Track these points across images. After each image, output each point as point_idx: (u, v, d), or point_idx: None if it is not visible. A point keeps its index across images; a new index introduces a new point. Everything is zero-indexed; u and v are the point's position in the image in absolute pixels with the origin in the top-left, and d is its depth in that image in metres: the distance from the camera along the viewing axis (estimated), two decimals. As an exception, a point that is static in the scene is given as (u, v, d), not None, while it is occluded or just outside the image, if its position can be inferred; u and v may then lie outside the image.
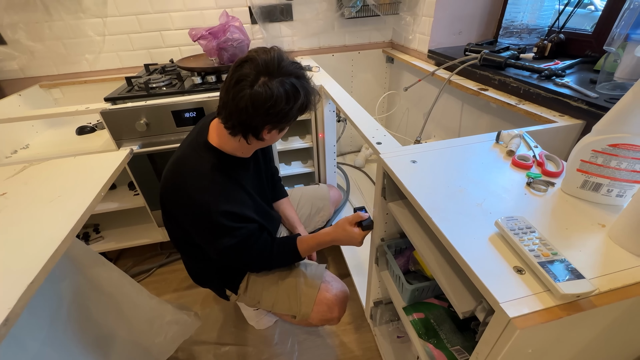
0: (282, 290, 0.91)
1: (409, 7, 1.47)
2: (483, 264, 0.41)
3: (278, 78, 0.66)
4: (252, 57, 0.66)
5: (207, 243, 0.79)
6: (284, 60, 0.68)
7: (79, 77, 1.51)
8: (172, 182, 0.74)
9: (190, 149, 0.77)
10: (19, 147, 1.29)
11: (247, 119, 0.67)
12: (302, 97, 0.69)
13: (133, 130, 1.15)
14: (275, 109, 0.66)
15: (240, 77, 0.65)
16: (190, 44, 1.49)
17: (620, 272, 0.39)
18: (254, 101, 0.65)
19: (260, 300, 0.95)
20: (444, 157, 0.67)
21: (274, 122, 0.70)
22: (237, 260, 0.84)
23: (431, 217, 0.50)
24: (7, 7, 1.30)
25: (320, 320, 0.92)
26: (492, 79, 1.04)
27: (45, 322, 0.63)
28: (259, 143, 0.76)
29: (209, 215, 0.72)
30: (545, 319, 0.35)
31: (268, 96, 0.64)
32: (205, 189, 0.72)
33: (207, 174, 0.73)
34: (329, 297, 0.90)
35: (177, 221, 0.80)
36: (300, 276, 0.91)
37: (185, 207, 0.73)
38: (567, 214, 0.50)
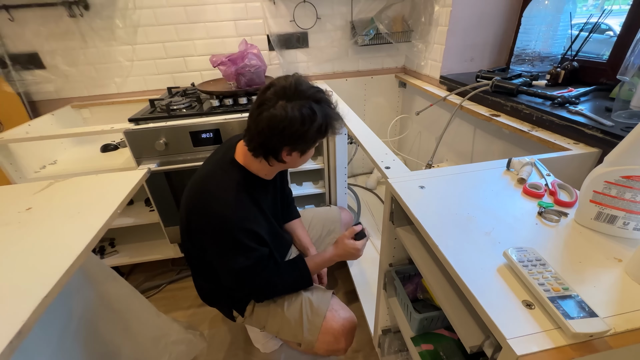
0: (287, 316, 0.89)
1: (421, 36, 1.52)
2: (490, 297, 0.40)
3: (296, 102, 0.69)
4: (274, 83, 0.71)
5: (223, 261, 0.78)
6: (302, 85, 0.71)
7: (107, 98, 1.61)
8: (198, 196, 0.77)
9: (217, 166, 0.80)
10: (48, 163, 1.37)
11: (265, 140, 0.71)
12: (320, 119, 0.71)
13: (152, 149, 1.20)
14: (290, 129, 0.69)
15: (262, 101, 0.70)
16: (211, 69, 1.58)
17: (638, 312, 0.37)
18: (269, 122, 0.68)
19: (265, 325, 0.93)
20: (453, 184, 0.66)
21: (291, 143, 0.72)
22: (248, 284, 0.83)
23: (437, 245, 0.49)
24: (49, 36, 1.43)
25: (326, 351, 0.89)
26: (504, 105, 1.05)
27: (54, 337, 0.65)
28: (281, 165, 0.79)
29: (231, 230, 0.73)
30: (555, 359, 0.33)
31: (282, 117, 0.67)
32: (230, 205, 0.74)
33: (232, 190, 0.76)
34: (335, 327, 0.88)
35: (197, 237, 0.81)
36: (306, 302, 0.90)
37: (208, 221, 0.75)
38: (581, 247, 0.48)
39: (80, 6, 1.38)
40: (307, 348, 0.90)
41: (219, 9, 1.49)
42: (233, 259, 0.76)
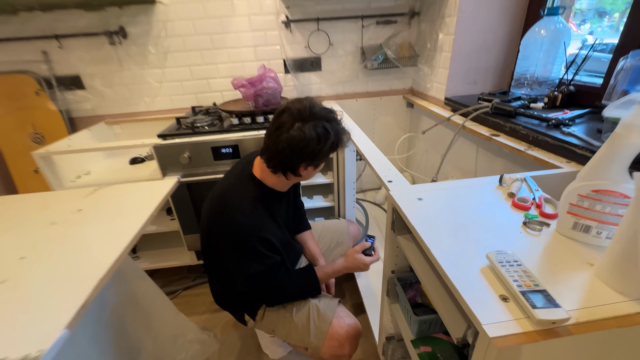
0: (295, 321, 0.95)
1: (427, 61, 1.62)
2: (472, 291, 0.47)
3: (310, 122, 0.78)
4: (289, 107, 0.80)
5: (239, 266, 0.85)
6: (315, 107, 0.80)
7: (136, 116, 1.76)
8: (218, 206, 0.85)
9: (236, 179, 0.89)
10: (82, 173, 1.51)
11: (285, 159, 0.80)
12: (332, 137, 0.80)
13: (177, 162, 1.32)
14: (308, 149, 0.78)
15: (280, 124, 0.78)
16: (231, 90, 1.71)
17: (600, 306, 0.43)
18: (289, 143, 0.77)
19: (274, 329, 0.99)
20: (448, 196, 0.73)
21: (308, 160, 0.81)
22: (260, 289, 0.90)
23: (429, 248, 0.56)
24: (90, 61, 1.61)
25: (331, 356, 0.94)
26: (503, 126, 1.11)
27: (91, 324, 0.73)
28: (296, 178, 0.88)
29: (247, 238, 0.81)
30: (522, 341, 0.39)
31: (301, 138, 0.76)
32: (248, 215, 0.82)
33: (250, 201, 0.84)
34: (341, 333, 0.93)
35: (216, 243, 0.88)
36: (313, 309, 0.96)
37: (227, 229, 0.82)
38: (559, 253, 0.54)
39: (120, 35, 1.56)
40: (313, 352, 0.95)
41: (241, 36, 1.65)
42: (248, 264, 0.84)
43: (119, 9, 1.52)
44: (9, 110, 1.59)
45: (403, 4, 1.65)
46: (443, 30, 1.45)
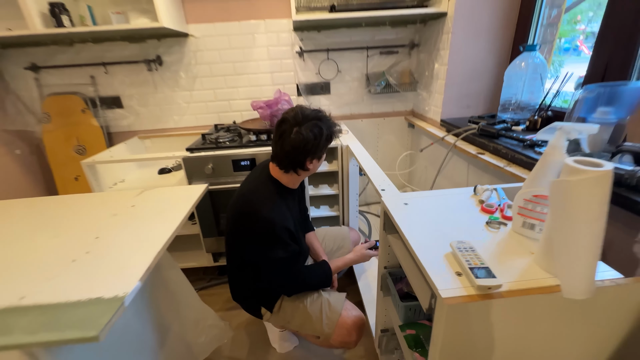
0: (309, 312, 1.08)
1: (425, 86, 1.80)
2: (435, 269, 0.61)
3: (305, 124, 0.96)
4: (285, 117, 0.99)
5: (265, 253, 0.98)
6: (305, 111, 0.99)
7: (166, 132, 1.99)
8: (246, 204, 1.00)
9: (258, 182, 1.05)
10: (118, 181, 1.72)
11: (293, 159, 0.98)
12: (325, 131, 0.99)
13: (202, 172, 1.51)
14: (309, 146, 0.96)
15: (281, 132, 0.97)
16: (250, 110, 1.93)
17: (530, 280, 0.57)
18: (292, 146, 0.96)
19: (290, 320, 1.11)
20: (430, 202, 0.88)
21: (311, 154, 0.99)
22: (283, 275, 1.03)
23: (408, 239, 0.71)
24: (130, 84, 1.86)
25: (340, 343, 1.08)
26: (488, 146, 1.27)
27: (135, 301, 0.89)
28: (306, 172, 1.05)
29: (273, 228, 0.96)
30: (465, 301, 0.54)
31: (301, 139, 0.95)
32: (272, 209, 0.98)
33: (272, 197, 1.01)
34: (348, 322, 1.07)
35: (243, 238, 1.02)
36: (325, 302, 1.10)
37: (255, 223, 0.96)
38: (510, 244, 0.68)
39: (157, 63, 1.81)
40: (324, 340, 1.09)
41: (260, 64, 1.88)
42: (274, 251, 0.97)
43: (158, 41, 1.78)
44: (59, 125, 1.83)
45: (404, 37, 1.86)
46: (438, 61, 1.64)
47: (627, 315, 0.59)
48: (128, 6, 1.64)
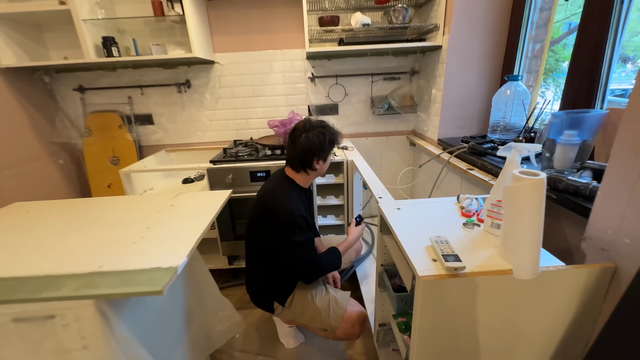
0: (319, 307, 1.23)
1: (424, 109, 1.99)
2: (416, 257, 0.77)
3: (311, 131, 1.17)
4: (296, 126, 1.21)
5: (287, 239, 1.13)
6: (312, 121, 1.21)
7: (190, 146, 2.22)
8: (268, 199, 1.18)
9: (277, 182, 1.24)
10: (147, 189, 1.93)
11: (303, 159, 1.18)
12: (328, 136, 1.20)
13: (222, 182, 1.71)
14: (315, 147, 1.17)
15: (293, 138, 1.19)
16: (265, 127, 2.15)
17: (489, 265, 0.72)
18: (302, 148, 1.16)
19: (300, 314, 1.26)
20: (419, 208, 1.04)
21: (317, 155, 1.19)
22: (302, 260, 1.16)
23: (397, 235, 0.87)
24: (162, 104, 2.11)
25: (345, 335, 1.23)
26: (476, 162, 1.43)
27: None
28: (314, 173, 1.24)
29: (293, 216, 1.13)
30: (437, 278, 0.69)
31: (309, 142, 1.16)
32: (290, 201, 1.16)
33: (290, 192, 1.20)
34: (353, 317, 1.22)
35: (264, 228, 1.17)
36: (332, 298, 1.26)
37: (278, 214, 1.13)
38: (480, 241, 0.83)
39: (186, 86, 2.06)
40: (330, 332, 1.23)
41: (276, 88, 2.11)
42: (294, 236, 1.13)
43: (188, 67, 2.04)
44: (98, 139, 2.08)
45: (405, 65, 2.08)
46: (435, 87, 1.84)
47: (571, 296, 0.73)
48: (165, 39, 1.91)
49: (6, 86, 1.73)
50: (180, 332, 1.11)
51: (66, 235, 0.94)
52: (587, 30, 1.15)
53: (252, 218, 1.24)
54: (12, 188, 1.72)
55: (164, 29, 1.92)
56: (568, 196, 0.93)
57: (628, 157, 0.67)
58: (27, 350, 0.74)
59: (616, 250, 0.71)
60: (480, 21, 1.61)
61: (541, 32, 1.56)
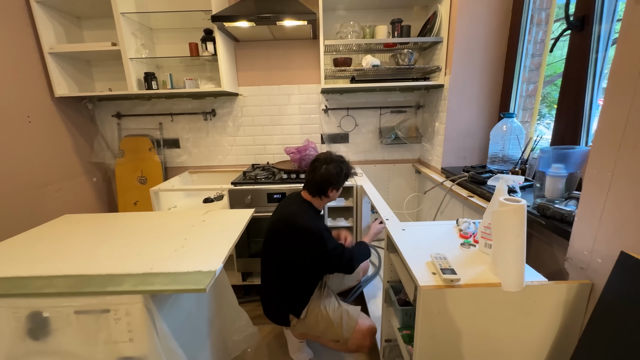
0: (332, 319, 1.34)
1: (428, 140, 2.16)
2: (418, 270, 0.89)
3: (331, 164, 1.34)
4: (318, 157, 1.39)
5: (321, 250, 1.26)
6: (332, 155, 1.38)
7: (211, 168, 2.41)
8: (294, 221, 1.29)
9: (297, 206, 1.38)
10: (172, 206, 2.09)
11: (320, 187, 1.34)
12: (345, 170, 1.38)
13: (242, 202, 1.86)
14: (332, 179, 1.33)
15: (314, 168, 1.36)
16: (281, 153, 2.33)
17: (481, 279, 0.84)
18: (321, 177, 1.33)
19: (314, 326, 1.35)
20: (422, 230, 1.17)
21: (333, 185, 1.35)
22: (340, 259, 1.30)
23: (402, 253, 0.99)
24: (188, 130, 2.33)
25: (356, 346, 1.33)
26: (476, 190, 1.56)
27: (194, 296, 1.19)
28: (327, 199, 1.40)
29: (319, 232, 1.26)
30: (435, 288, 0.81)
31: (328, 173, 1.33)
32: (311, 220, 1.30)
33: (309, 213, 1.35)
34: (364, 329, 1.33)
35: (287, 247, 1.29)
36: (345, 312, 1.36)
37: (303, 233, 1.26)
38: (474, 259, 0.95)
39: (211, 114, 2.29)
40: (342, 344, 1.34)
41: (292, 118, 2.31)
42: (326, 247, 1.26)
43: (214, 98, 2.27)
44: (130, 160, 2.29)
45: (411, 100, 2.27)
46: (438, 120, 2.01)
47: (554, 309, 0.83)
48: (197, 74, 2.16)
49: (57, 113, 1.97)
50: (203, 337, 1.21)
51: (116, 242, 1.10)
52: (570, 76, 1.32)
53: (273, 236, 1.36)
54: (55, 202, 1.91)
55: (196, 65, 2.17)
56: (555, 222, 1.04)
57: (595, 189, 0.81)
58: (83, 340, 0.87)
59: (592, 268, 0.82)
60: (478, 64, 1.81)
61: (534, 74, 1.74)
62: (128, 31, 1.84)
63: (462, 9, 1.71)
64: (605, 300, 0.73)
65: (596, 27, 1.19)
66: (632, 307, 0.67)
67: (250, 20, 1.72)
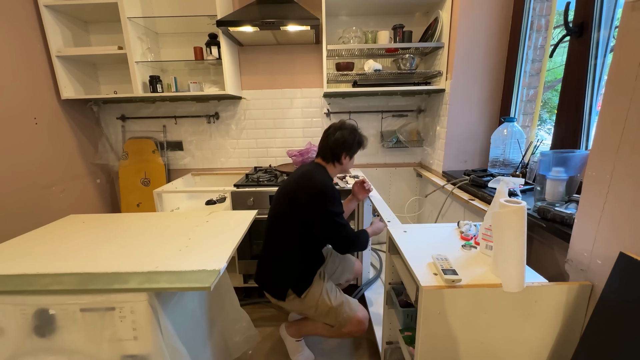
0: (333, 304, 1.36)
1: (429, 143, 2.17)
2: (420, 271, 0.90)
3: (345, 130, 1.39)
4: (332, 125, 1.44)
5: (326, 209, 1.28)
6: (346, 123, 1.43)
7: (213, 171, 2.43)
8: (307, 178, 1.33)
9: (312, 167, 1.41)
10: (174, 208, 2.11)
11: (334, 151, 1.38)
12: (357, 137, 1.42)
13: (244, 204, 1.88)
14: (346, 143, 1.38)
15: (328, 134, 1.42)
16: (283, 156, 2.35)
17: (483, 280, 0.85)
18: (335, 142, 1.38)
19: (313, 307, 1.37)
20: (423, 231, 1.18)
21: (346, 150, 1.39)
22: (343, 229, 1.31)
23: (404, 253, 1.00)
24: (192, 133, 2.35)
25: (350, 331, 1.39)
26: (477, 193, 1.57)
27: (197, 296, 1.20)
28: (340, 166, 1.43)
29: (332, 189, 1.30)
30: (436, 288, 0.82)
31: (342, 138, 1.37)
32: (327, 179, 1.36)
33: (325, 174, 1.39)
34: (360, 316, 1.39)
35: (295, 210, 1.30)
36: (345, 298, 1.42)
37: (315, 188, 1.29)
38: (475, 260, 0.96)
39: (214, 117, 2.31)
40: (337, 329, 1.38)
41: (295, 121, 2.34)
42: (334, 207, 1.30)
43: (218, 101, 2.30)
44: (134, 162, 2.31)
45: (412, 104, 2.29)
46: (439, 124, 2.03)
47: (555, 310, 0.84)
48: (201, 77, 2.19)
49: (63, 115, 1.99)
50: (205, 336, 1.22)
51: (121, 241, 1.11)
52: (569, 81, 1.34)
53: (281, 202, 1.37)
54: (59, 202, 1.92)
55: (201, 69, 2.20)
56: (556, 225, 1.06)
57: (594, 191, 0.82)
58: (88, 337, 0.88)
59: (591, 270, 0.83)
60: (479, 69, 1.83)
61: (534, 79, 1.76)
62: (134, 35, 1.87)
63: (463, 15, 1.73)
64: (605, 301, 0.74)
65: (595, 34, 1.21)
66: (632, 307, 0.67)
67: (254, 25, 1.75)
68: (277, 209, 1.41)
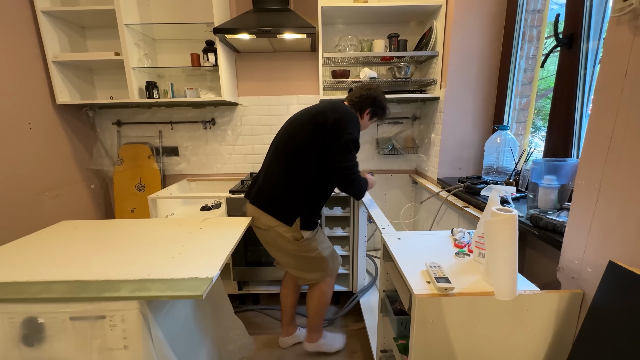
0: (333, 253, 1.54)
1: (425, 151, 2.19)
2: (413, 279, 0.90)
3: (380, 95, 1.52)
4: (373, 84, 1.55)
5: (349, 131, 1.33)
6: (379, 89, 1.54)
7: (209, 176, 2.42)
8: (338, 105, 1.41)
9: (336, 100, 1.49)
10: (169, 214, 2.09)
11: (361, 103, 1.48)
12: (383, 102, 1.53)
13: (239, 210, 1.87)
14: (373, 99, 1.49)
15: (364, 87, 1.52)
16: (279, 163, 2.35)
17: (475, 288, 0.85)
18: (366, 95, 1.48)
19: (319, 247, 1.46)
20: (417, 239, 1.18)
21: (370, 106, 1.49)
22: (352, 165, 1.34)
23: (397, 261, 1.00)
24: (188, 138, 2.35)
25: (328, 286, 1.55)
26: (471, 200, 1.58)
27: (189, 303, 1.19)
28: (360, 121, 1.47)
29: (358, 122, 1.41)
30: (429, 296, 0.82)
31: (370, 94, 1.49)
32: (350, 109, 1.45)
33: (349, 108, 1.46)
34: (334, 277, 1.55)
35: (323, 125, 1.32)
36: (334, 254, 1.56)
37: (346, 112, 1.38)
38: (468, 268, 0.96)
39: (211, 123, 2.31)
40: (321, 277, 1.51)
41: (291, 127, 2.34)
42: (356, 135, 1.36)
43: (214, 107, 2.30)
44: (129, 167, 2.30)
45: (407, 111, 2.32)
46: (434, 132, 2.05)
47: (547, 318, 0.85)
48: (198, 83, 2.20)
49: (58, 119, 1.99)
50: (198, 345, 1.20)
51: (114, 248, 1.10)
52: (560, 91, 1.36)
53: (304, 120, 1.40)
54: (52, 208, 1.91)
55: (197, 75, 2.21)
56: (548, 233, 1.06)
57: (584, 200, 0.83)
58: (77, 347, 0.86)
59: (582, 278, 0.84)
60: (473, 78, 1.86)
61: (527, 88, 1.79)
62: (131, 41, 1.88)
63: (457, 25, 1.77)
64: (595, 309, 0.75)
65: (584, 45, 1.24)
66: (620, 315, 0.68)
67: (251, 33, 1.76)
68: (297, 129, 1.40)
